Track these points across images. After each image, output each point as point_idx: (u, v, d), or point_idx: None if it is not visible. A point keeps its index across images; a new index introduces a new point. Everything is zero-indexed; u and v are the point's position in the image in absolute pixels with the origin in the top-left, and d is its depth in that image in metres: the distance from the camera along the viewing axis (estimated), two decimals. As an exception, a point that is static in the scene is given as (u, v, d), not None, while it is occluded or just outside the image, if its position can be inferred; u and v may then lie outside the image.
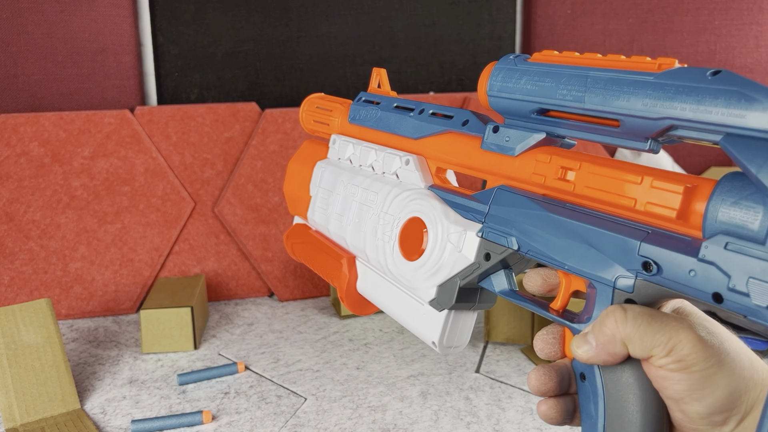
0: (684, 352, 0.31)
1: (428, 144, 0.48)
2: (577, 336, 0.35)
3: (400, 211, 0.48)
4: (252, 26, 1.50)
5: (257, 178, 1.38)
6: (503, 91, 0.40)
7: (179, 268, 1.36)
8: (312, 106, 0.63)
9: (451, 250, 0.43)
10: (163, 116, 1.36)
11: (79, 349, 1.15)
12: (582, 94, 0.35)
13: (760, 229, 0.28)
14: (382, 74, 0.59)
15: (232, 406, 0.94)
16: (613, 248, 0.33)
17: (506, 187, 0.41)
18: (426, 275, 0.45)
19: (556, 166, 0.37)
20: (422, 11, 1.61)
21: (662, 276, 0.31)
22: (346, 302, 0.55)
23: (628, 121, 0.33)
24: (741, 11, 1.78)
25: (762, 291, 0.27)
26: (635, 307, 0.33)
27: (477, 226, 0.42)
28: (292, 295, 1.39)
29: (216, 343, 1.16)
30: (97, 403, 0.96)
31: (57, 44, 1.34)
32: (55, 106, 1.36)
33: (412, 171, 0.49)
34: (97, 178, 1.30)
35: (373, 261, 0.51)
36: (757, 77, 1.82)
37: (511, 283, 0.42)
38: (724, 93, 0.29)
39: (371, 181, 0.52)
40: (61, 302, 1.28)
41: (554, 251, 0.37)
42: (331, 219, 0.56)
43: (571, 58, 0.37)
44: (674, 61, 0.32)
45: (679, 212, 0.31)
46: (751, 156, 0.28)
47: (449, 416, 0.90)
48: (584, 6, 1.69)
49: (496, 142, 0.42)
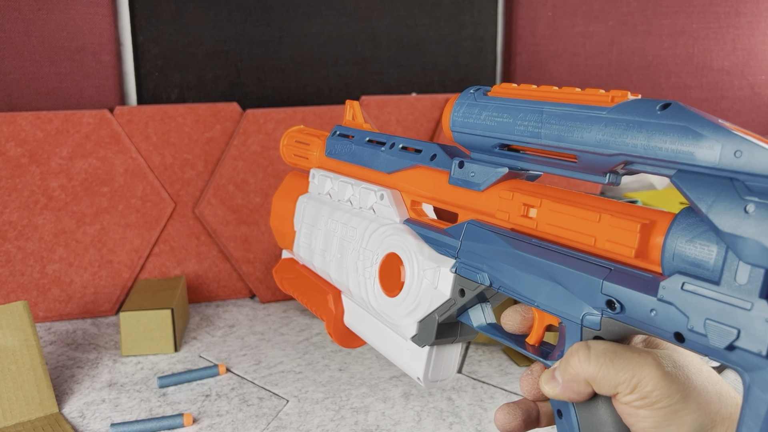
0: (648, 389, 0.31)
1: (401, 178, 0.48)
2: (545, 372, 0.36)
3: (378, 246, 0.48)
4: (233, 26, 1.49)
5: (238, 179, 1.37)
6: (465, 127, 0.40)
7: (159, 269, 1.35)
8: (291, 140, 0.63)
9: (428, 286, 0.43)
10: (143, 116, 1.35)
11: (57, 352, 1.13)
12: (538, 129, 0.35)
13: (714, 268, 0.27)
14: (356, 107, 0.59)
15: (214, 409, 0.93)
16: (577, 286, 0.33)
17: (476, 222, 0.41)
18: (405, 312, 0.45)
19: (518, 204, 0.37)
20: (404, 12, 1.61)
21: (626, 314, 0.31)
22: (334, 337, 0.55)
23: (584, 157, 0.33)
24: (718, 15, 1.80)
25: (719, 333, 0.27)
26: (599, 345, 0.33)
27: (450, 262, 0.42)
28: (274, 296, 1.38)
29: (197, 345, 1.15)
30: (75, 407, 0.94)
31: (34, 43, 1.32)
32: (33, 106, 1.34)
33: (387, 206, 0.49)
34: (76, 178, 1.29)
35: (356, 297, 0.51)
36: (734, 79, 1.85)
37: (487, 316, 0.42)
38: (672, 129, 0.28)
39: (350, 216, 0.52)
40: (39, 304, 1.26)
41: (523, 288, 0.36)
42: (315, 254, 0.56)
43: (529, 92, 0.37)
44: (627, 94, 0.32)
45: (637, 250, 0.30)
46: (701, 194, 0.27)
47: (432, 417, 0.90)
48: (565, 8, 1.70)
49: (463, 178, 0.42)
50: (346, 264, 0.52)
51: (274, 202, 0.64)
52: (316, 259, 0.56)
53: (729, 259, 0.27)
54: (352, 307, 0.54)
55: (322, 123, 1.43)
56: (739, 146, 0.26)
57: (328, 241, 0.54)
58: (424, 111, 1.55)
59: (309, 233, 0.57)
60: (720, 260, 0.27)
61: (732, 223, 0.26)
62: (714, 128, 0.27)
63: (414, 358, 0.46)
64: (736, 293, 0.26)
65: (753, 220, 0.25)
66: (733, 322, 0.26)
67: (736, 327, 0.26)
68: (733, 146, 0.26)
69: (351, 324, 0.54)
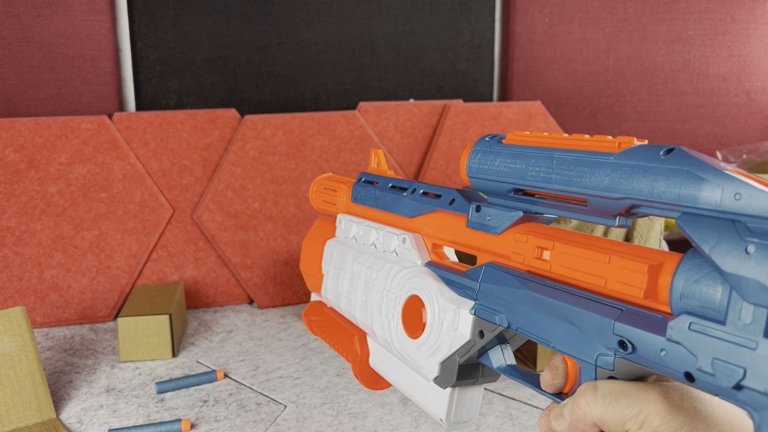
0: (655, 424, 0.31)
1: (422, 222, 0.50)
2: (556, 407, 0.36)
3: (401, 288, 0.49)
4: (232, 32, 1.50)
5: (237, 185, 1.38)
6: (481, 173, 0.42)
7: (157, 275, 1.35)
8: (320, 186, 0.66)
9: (448, 327, 0.44)
10: (141, 122, 1.35)
11: (55, 357, 1.13)
12: (549, 175, 0.36)
13: (719, 308, 0.28)
14: (380, 155, 0.62)
15: (211, 414, 0.93)
16: (590, 326, 0.34)
17: (494, 264, 0.42)
18: (427, 353, 0.46)
19: (532, 246, 0.39)
20: (402, 19, 1.62)
21: (637, 354, 0.31)
22: (360, 379, 0.56)
23: (593, 200, 0.34)
24: (714, 21, 1.81)
25: (726, 372, 0.27)
26: (606, 385, 0.33)
27: (470, 304, 0.43)
28: (272, 302, 1.38)
29: (195, 351, 1.15)
30: (73, 413, 0.94)
31: (33, 49, 1.33)
32: (31, 112, 1.35)
33: (409, 249, 0.50)
34: (74, 184, 1.29)
35: (380, 338, 0.52)
36: (730, 86, 1.86)
37: (507, 357, 0.42)
38: (675, 173, 0.29)
39: (374, 259, 0.54)
40: (37, 310, 1.26)
41: (539, 329, 0.37)
42: (342, 297, 0.58)
43: (540, 139, 0.38)
44: (633, 140, 0.33)
45: (646, 291, 0.31)
46: (704, 236, 0.28)
47: (429, 422, 0.90)
48: (562, 15, 1.71)
49: (479, 221, 0.43)
50: (371, 306, 0.53)
51: (304, 246, 0.67)
52: (342, 302, 0.58)
53: (733, 299, 0.27)
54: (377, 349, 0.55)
55: (320, 129, 1.44)
56: (738, 189, 0.27)
57: (353, 283, 0.56)
58: (422, 117, 1.55)
59: (336, 276, 0.59)
60: (725, 300, 0.27)
61: (734, 263, 0.27)
62: (714, 172, 0.28)
63: (436, 399, 0.47)
64: (741, 332, 0.27)
65: (754, 261, 0.26)
66: (739, 362, 0.27)
67: (742, 366, 0.26)
68: (732, 189, 0.27)
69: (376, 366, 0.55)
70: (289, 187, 1.41)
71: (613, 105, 1.79)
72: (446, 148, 1.54)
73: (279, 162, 1.41)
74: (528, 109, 1.63)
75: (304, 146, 1.43)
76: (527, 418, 0.90)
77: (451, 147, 1.54)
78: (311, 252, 0.65)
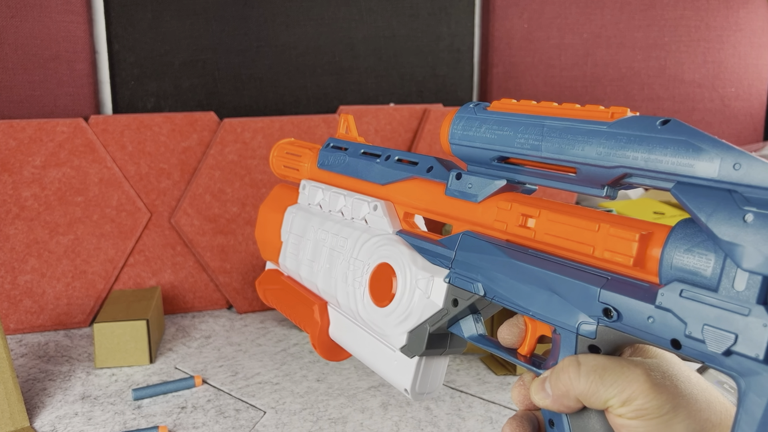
0: (638, 402, 0.31)
1: (395, 190, 0.49)
2: (536, 380, 0.36)
3: (369, 256, 0.48)
4: (211, 35, 1.49)
5: (215, 189, 1.36)
6: (464, 140, 0.41)
7: (134, 280, 1.33)
8: (282, 151, 0.63)
9: (420, 296, 0.43)
10: (118, 125, 1.33)
11: (29, 364, 1.11)
12: (539, 142, 0.36)
13: (712, 276, 0.28)
14: (350, 120, 0.60)
15: (190, 421, 0.92)
16: (574, 294, 0.34)
17: (471, 233, 0.41)
18: (396, 321, 0.45)
19: (516, 214, 0.38)
20: (382, 23, 1.62)
21: (622, 322, 0.32)
22: (318, 349, 0.55)
23: (584, 169, 0.34)
24: (689, 28, 1.84)
25: (716, 338, 0.28)
26: (590, 360, 0.33)
27: (444, 272, 0.42)
28: (251, 307, 1.37)
29: (172, 357, 1.14)
30: (47, 421, 0.92)
31: (7, 51, 1.31)
32: (5, 114, 1.32)
33: (381, 216, 0.49)
34: (49, 188, 1.27)
35: (344, 307, 0.51)
36: (705, 91, 1.89)
37: (478, 327, 0.42)
38: (672, 143, 0.30)
39: (341, 226, 0.52)
40: (10, 316, 1.24)
41: (518, 297, 0.37)
42: (302, 264, 0.56)
43: (529, 107, 0.38)
44: (626, 110, 0.33)
45: (636, 259, 0.31)
46: (701, 204, 0.29)
47: (410, 427, 0.90)
48: (540, 21, 1.73)
49: (460, 189, 0.43)
50: (335, 274, 0.52)
51: (261, 213, 0.64)
52: (303, 270, 0.56)
53: (727, 267, 0.28)
54: (338, 318, 0.54)
55: (300, 132, 1.43)
56: (738, 159, 0.27)
57: (316, 251, 0.54)
58: (402, 121, 1.56)
59: (297, 243, 0.57)
60: (718, 268, 0.28)
61: (731, 231, 0.27)
62: (713, 142, 0.29)
63: (402, 369, 0.46)
64: (734, 300, 0.27)
65: (751, 229, 0.27)
66: (731, 328, 0.27)
67: (733, 332, 0.27)
68: (732, 159, 0.28)
69: (336, 336, 0.54)
70: (268, 190, 1.40)
71: (590, 110, 1.81)
72: (426, 152, 1.54)
73: (258, 166, 1.40)
74: (507, 113, 1.64)
75: (283, 150, 1.42)
76: (507, 421, 0.90)
77: (431, 151, 1.54)
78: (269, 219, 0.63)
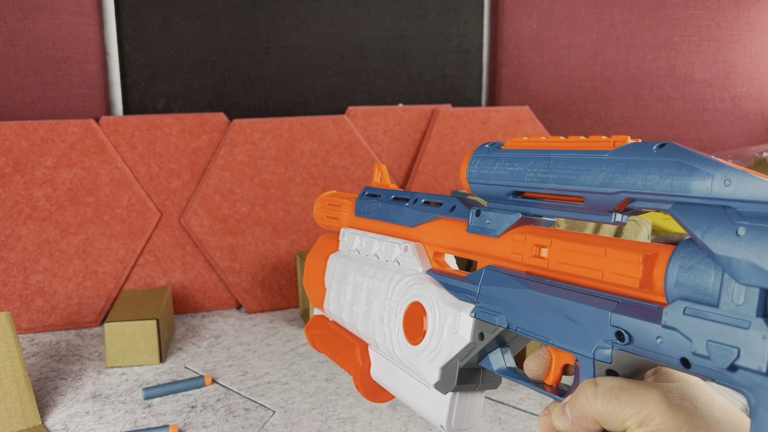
0: (655, 423, 0.31)
1: (423, 230, 0.51)
2: (557, 405, 0.37)
3: (402, 296, 0.50)
4: (220, 36, 1.50)
5: (225, 189, 1.37)
6: (480, 178, 0.43)
7: (144, 280, 1.34)
8: (324, 203, 0.67)
9: (449, 331, 0.45)
10: (129, 126, 1.34)
11: (41, 363, 1.12)
12: (546, 175, 0.38)
13: (713, 292, 0.29)
14: (383, 169, 0.64)
15: (199, 420, 0.92)
16: (588, 320, 0.35)
17: (493, 267, 0.43)
18: (428, 358, 0.47)
19: (530, 244, 0.40)
20: (391, 24, 1.62)
21: (635, 344, 0.32)
22: (361, 390, 0.57)
23: (589, 197, 0.35)
24: (699, 28, 1.83)
25: (720, 353, 0.28)
26: (607, 381, 0.34)
27: (470, 307, 0.44)
28: (260, 307, 1.37)
29: (182, 356, 1.15)
30: (58, 419, 0.93)
31: (19, 52, 1.32)
32: (17, 115, 1.34)
33: (411, 257, 0.51)
34: (61, 188, 1.28)
35: (381, 347, 0.53)
36: (715, 91, 1.88)
37: (507, 360, 0.43)
38: (667, 165, 0.31)
39: (376, 269, 0.55)
40: (22, 315, 1.25)
41: (538, 327, 0.38)
42: (344, 309, 0.59)
43: (538, 143, 0.40)
44: (627, 138, 0.34)
45: (642, 281, 0.32)
46: (696, 222, 0.29)
47: (418, 427, 0.90)
48: (549, 21, 1.72)
49: (479, 225, 0.45)
50: (373, 315, 0.54)
51: (307, 262, 0.68)
52: (344, 314, 0.59)
53: (726, 282, 0.28)
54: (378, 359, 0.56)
55: (309, 133, 1.44)
56: (728, 176, 0.28)
57: (356, 294, 0.57)
58: (410, 121, 1.56)
59: (338, 289, 0.60)
60: (718, 284, 0.28)
61: (725, 246, 0.28)
62: (705, 161, 0.29)
63: (437, 405, 0.47)
64: (734, 313, 0.28)
65: (744, 242, 0.27)
66: (733, 342, 0.27)
67: (736, 346, 0.27)
68: (722, 176, 0.28)
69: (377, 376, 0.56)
70: (278, 191, 1.41)
71: (600, 110, 1.80)
72: (435, 152, 1.54)
73: (267, 166, 1.40)
74: (516, 114, 1.64)
75: (292, 150, 1.43)
76: (516, 422, 0.90)
77: (440, 151, 1.54)
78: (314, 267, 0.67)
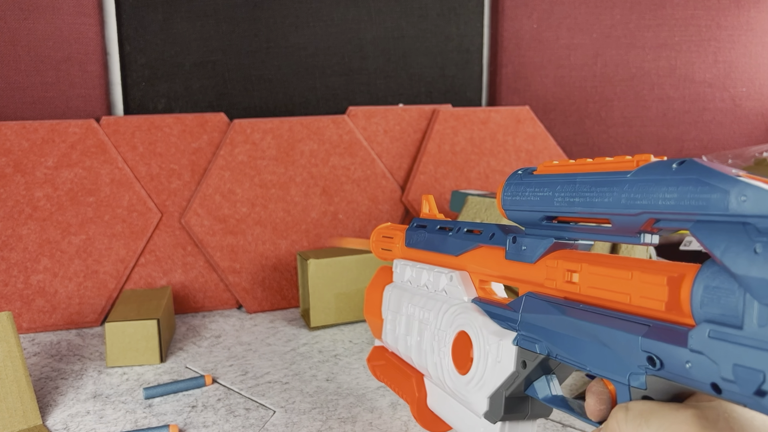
0: None
1: (467, 259, 0.52)
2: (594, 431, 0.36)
3: (449, 326, 0.50)
4: (221, 36, 1.50)
5: (225, 189, 1.37)
6: (514, 205, 0.43)
7: (145, 280, 1.34)
8: (379, 236, 0.68)
9: (493, 360, 0.44)
10: (129, 126, 1.34)
11: (41, 363, 1.12)
12: (573, 199, 0.37)
13: (736, 312, 0.27)
14: (431, 200, 0.65)
15: (200, 420, 0.92)
16: (620, 345, 0.33)
17: (533, 294, 0.42)
18: (476, 387, 0.46)
19: (563, 270, 0.39)
20: (391, 24, 1.62)
21: (666, 370, 0.31)
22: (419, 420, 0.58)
23: (616, 219, 0.34)
24: (700, 28, 1.83)
25: (746, 377, 0.26)
26: (638, 405, 0.33)
27: (512, 335, 0.43)
28: (261, 306, 1.38)
29: (183, 356, 1.15)
30: (59, 419, 0.93)
31: (20, 52, 1.32)
32: (18, 115, 1.34)
33: (456, 286, 0.51)
34: (61, 188, 1.28)
35: (434, 377, 0.53)
36: (715, 91, 1.88)
37: (553, 388, 0.42)
38: (686, 182, 0.30)
39: (426, 299, 0.55)
40: (23, 315, 1.25)
41: (576, 354, 0.37)
42: (399, 339, 0.59)
43: (566, 167, 0.39)
44: (650, 157, 0.33)
45: (668, 303, 0.31)
46: (715, 241, 0.28)
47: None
48: (549, 21, 1.72)
49: (516, 252, 0.44)
50: (425, 346, 0.54)
51: (366, 294, 0.69)
52: (400, 344, 0.59)
53: (748, 302, 0.26)
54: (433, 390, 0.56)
55: (309, 133, 1.44)
56: (744, 191, 0.27)
57: (409, 325, 0.57)
58: (411, 122, 1.56)
59: (394, 320, 0.61)
60: (741, 304, 0.27)
61: (744, 265, 0.26)
62: (720, 177, 0.28)
63: None
64: (757, 335, 0.26)
65: (762, 260, 0.26)
66: (758, 365, 0.26)
67: (761, 369, 0.26)
68: (738, 192, 0.27)
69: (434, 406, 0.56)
70: (278, 191, 1.41)
71: (600, 110, 1.80)
72: (435, 152, 1.54)
73: (268, 166, 1.40)
74: (516, 114, 1.64)
75: (293, 150, 1.43)
76: None
77: (440, 151, 1.54)
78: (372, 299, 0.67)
